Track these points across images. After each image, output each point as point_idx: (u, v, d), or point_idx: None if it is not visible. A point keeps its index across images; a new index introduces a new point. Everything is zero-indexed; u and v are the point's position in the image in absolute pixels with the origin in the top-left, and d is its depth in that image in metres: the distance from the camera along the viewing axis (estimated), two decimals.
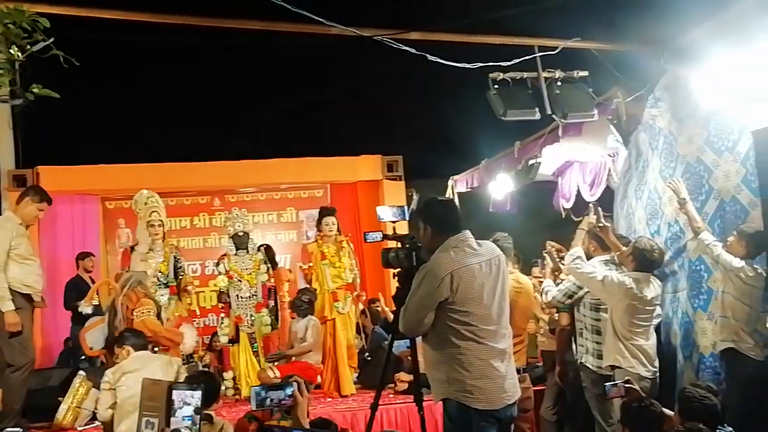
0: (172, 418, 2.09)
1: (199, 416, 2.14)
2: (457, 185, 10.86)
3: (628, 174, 7.20)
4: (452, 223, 4.25)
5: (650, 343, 5.66)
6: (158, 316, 7.46)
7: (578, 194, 8.34)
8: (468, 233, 4.22)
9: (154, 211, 8.04)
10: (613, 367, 5.59)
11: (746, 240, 5.23)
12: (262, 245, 8.79)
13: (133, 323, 7.08)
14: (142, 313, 7.20)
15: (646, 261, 5.65)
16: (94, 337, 7.44)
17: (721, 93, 5.54)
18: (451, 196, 10.57)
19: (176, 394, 2.09)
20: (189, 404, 2.13)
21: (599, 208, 6.19)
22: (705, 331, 5.87)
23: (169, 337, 7.35)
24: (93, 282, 9.95)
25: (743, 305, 5.24)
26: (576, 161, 8.47)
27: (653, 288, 5.63)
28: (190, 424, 2.10)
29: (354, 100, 13.02)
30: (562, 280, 6.49)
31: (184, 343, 7.71)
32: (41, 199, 6.88)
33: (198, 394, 2.16)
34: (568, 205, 8.48)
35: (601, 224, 5.99)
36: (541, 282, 6.81)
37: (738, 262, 5.23)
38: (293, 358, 8.18)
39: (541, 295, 6.63)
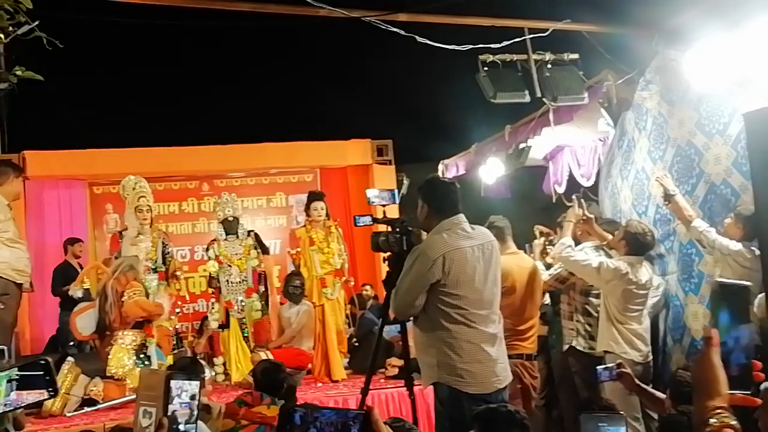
0: (169, 406, 2.05)
1: (197, 405, 2.11)
2: (448, 169, 10.82)
3: (611, 153, 7.19)
4: (450, 204, 4.24)
5: (644, 326, 5.66)
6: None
7: (570, 178, 8.31)
8: (462, 217, 4.22)
9: (142, 196, 7.97)
10: (606, 353, 5.58)
11: (744, 222, 5.20)
12: (250, 231, 8.76)
13: (124, 305, 7.10)
14: (134, 293, 7.20)
15: (638, 244, 5.63)
16: (83, 322, 7.40)
17: (712, 75, 5.50)
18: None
19: (174, 384, 2.06)
20: (186, 392, 2.11)
21: (582, 200, 6.16)
22: (696, 314, 5.86)
23: (155, 312, 7.40)
24: (82, 268, 9.89)
25: None
26: (567, 146, 8.44)
27: (646, 271, 5.62)
28: (188, 413, 2.07)
29: (343, 83, 12.95)
30: (550, 263, 6.47)
31: (164, 313, 7.73)
32: (20, 174, 6.82)
33: (196, 383, 2.12)
34: (561, 189, 8.46)
35: (584, 217, 5.96)
36: None
37: (735, 245, 5.20)
38: (282, 345, 8.19)
39: None
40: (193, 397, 2.10)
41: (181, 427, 2.04)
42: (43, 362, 2.11)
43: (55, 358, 7.60)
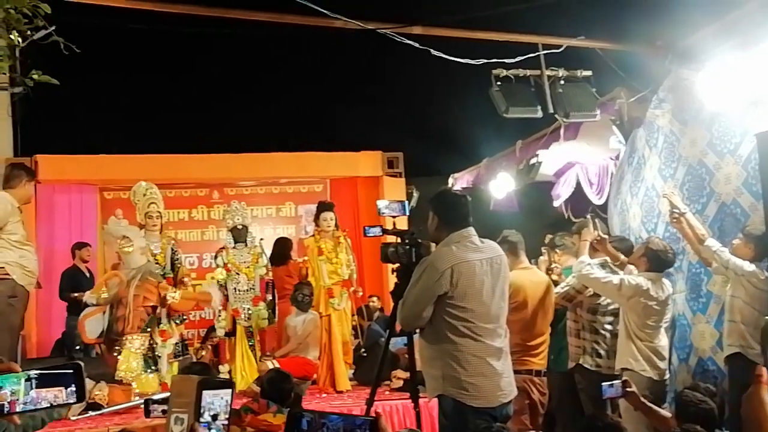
0: (202, 416, 2.06)
1: (227, 412, 2.12)
2: (458, 183, 10.82)
3: (621, 170, 7.18)
4: (461, 217, 4.24)
5: (663, 344, 5.63)
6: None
7: (580, 194, 8.30)
8: (472, 230, 4.23)
9: (152, 203, 7.98)
10: (623, 369, 5.55)
11: (754, 243, 5.19)
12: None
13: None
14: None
15: (659, 261, 5.62)
16: (92, 326, 7.42)
17: (724, 95, 5.50)
18: None
19: (206, 392, 2.07)
20: (219, 400, 2.12)
21: (597, 220, 6.17)
22: (704, 334, 5.84)
23: (203, 299, 7.99)
24: (90, 272, 9.91)
25: (753, 310, 5.19)
26: (578, 162, 8.44)
27: (666, 288, 5.61)
28: (220, 421, 2.08)
29: (355, 95, 12.99)
30: (556, 280, 6.46)
31: (213, 299, 8.18)
32: (32, 177, 6.86)
33: (228, 391, 2.13)
34: (558, 203, 8.47)
35: (598, 237, 5.96)
36: None
37: (749, 266, 5.19)
38: (290, 354, 8.18)
39: None
40: (225, 405, 2.11)
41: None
42: (75, 366, 2.09)
43: (62, 362, 7.62)
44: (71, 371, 2.04)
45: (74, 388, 2.05)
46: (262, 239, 8.92)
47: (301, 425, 1.79)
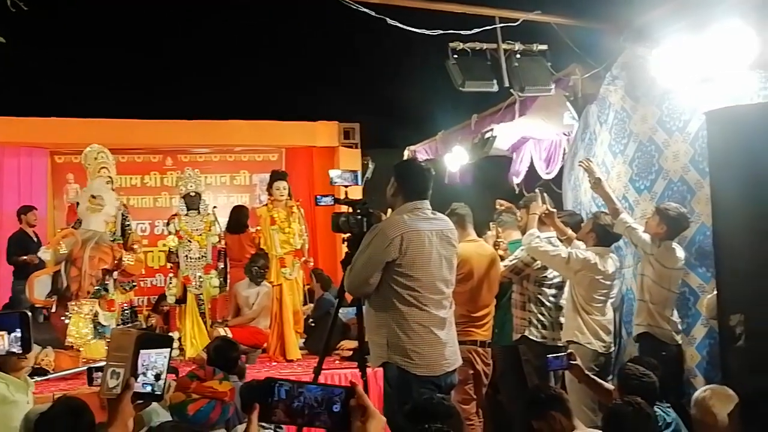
0: (145, 375, 2.05)
1: (165, 372, 2.12)
2: (414, 156, 10.83)
3: (574, 146, 7.25)
4: (421, 189, 4.28)
5: (608, 317, 5.71)
6: None
7: (531, 169, 8.36)
8: (427, 203, 4.28)
9: (103, 167, 7.87)
10: (570, 342, 5.63)
11: (667, 222, 5.25)
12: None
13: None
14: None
15: (607, 235, 5.68)
16: (39, 286, 7.31)
17: (676, 73, 5.55)
18: None
19: (148, 351, 2.06)
20: (163, 359, 2.11)
21: (545, 194, 6.21)
22: None
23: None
24: (37, 237, 9.76)
25: (661, 288, 5.29)
26: (531, 137, 8.48)
27: (612, 262, 5.69)
28: (152, 379, 2.07)
29: (313, 65, 12.87)
30: (503, 255, 6.51)
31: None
32: None
33: (167, 351, 2.12)
34: (518, 180, 8.52)
35: (547, 211, 6.01)
36: None
37: (657, 245, 5.28)
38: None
39: None
40: (166, 362, 2.10)
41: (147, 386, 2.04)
42: (21, 314, 2.05)
43: None
44: (17, 316, 2.01)
45: (19, 334, 2.02)
46: (215, 207, 8.88)
47: (280, 394, 1.79)
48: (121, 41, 12.05)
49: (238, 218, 9.15)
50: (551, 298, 5.99)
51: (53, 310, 7.48)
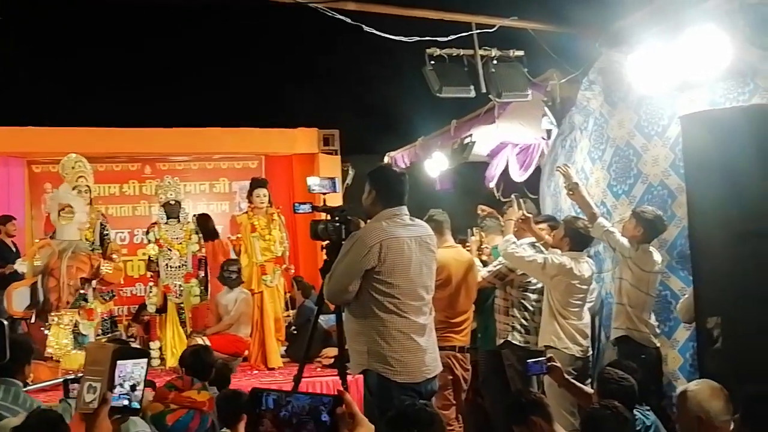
0: (121, 386, 2.04)
1: (143, 383, 2.10)
2: (394, 162, 10.83)
3: (554, 152, 7.27)
4: (397, 195, 4.26)
5: (585, 322, 5.73)
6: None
7: (507, 174, 8.40)
8: (405, 209, 4.26)
9: (81, 176, 7.83)
10: (547, 347, 5.64)
11: (644, 225, 5.30)
12: (196, 214, 8.69)
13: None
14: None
15: (581, 238, 5.69)
16: (18, 298, 7.25)
17: (653, 79, 5.58)
18: None
19: (124, 362, 2.04)
20: (140, 370, 2.09)
21: (521, 200, 6.22)
22: None
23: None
24: (16, 246, 9.68)
25: (639, 292, 5.33)
26: (510, 143, 8.51)
27: (588, 267, 5.70)
28: (129, 390, 2.05)
29: (292, 72, 12.86)
30: (486, 261, 6.53)
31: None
32: None
33: (144, 361, 2.11)
34: (492, 184, 8.56)
35: (523, 216, 6.02)
36: None
37: (635, 248, 5.31)
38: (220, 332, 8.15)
39: None
40: (143, 374, 2.09)
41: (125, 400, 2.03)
42: None
43: None
44: None
45: None
46: (195, 215, 8.81)
47: (267, 403, 1.78)
48: (98, 50, 11.96)
49: (206, 226, 9.09)
50: (534, 303, 6.00)
51: (32, 321, 7.41)
